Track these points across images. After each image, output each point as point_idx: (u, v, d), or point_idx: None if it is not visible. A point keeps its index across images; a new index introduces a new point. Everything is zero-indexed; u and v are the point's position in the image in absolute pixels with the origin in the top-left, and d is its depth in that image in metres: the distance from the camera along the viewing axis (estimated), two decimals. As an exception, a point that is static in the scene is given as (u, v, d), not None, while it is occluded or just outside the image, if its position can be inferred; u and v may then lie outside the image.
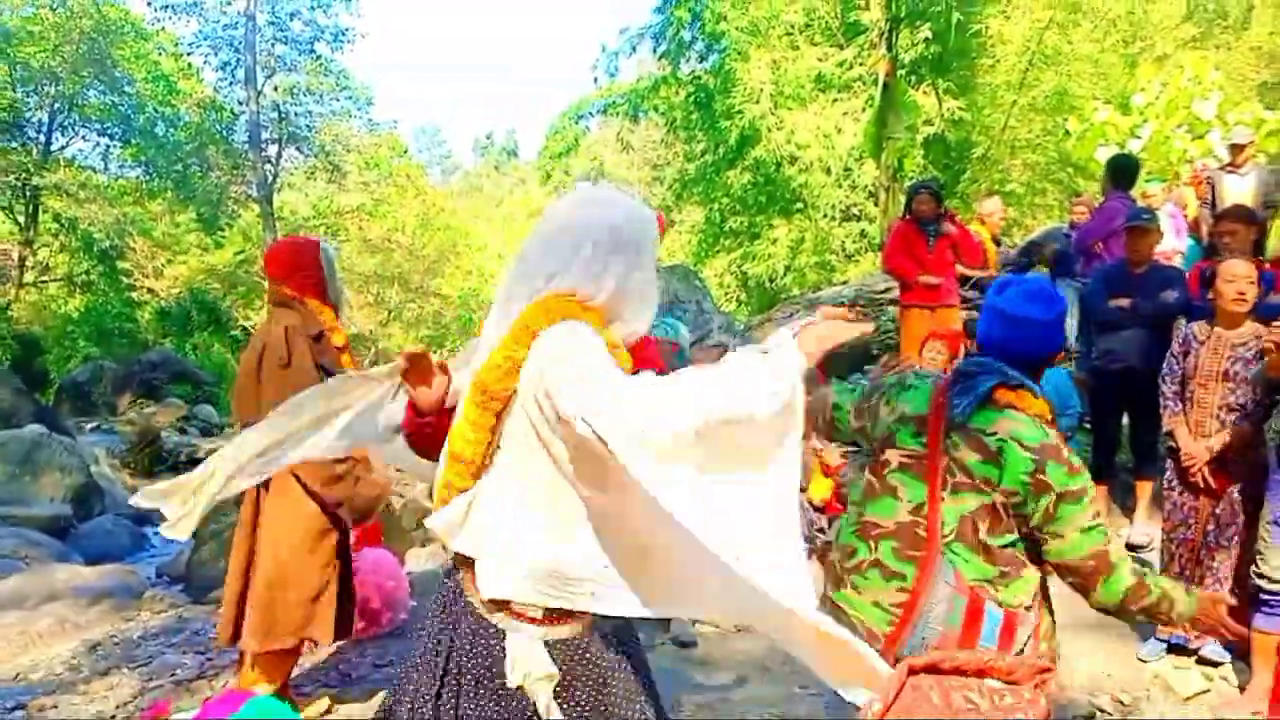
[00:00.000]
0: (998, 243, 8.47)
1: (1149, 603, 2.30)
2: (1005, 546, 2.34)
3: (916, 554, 2.35)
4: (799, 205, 16.79)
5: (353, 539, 4.01)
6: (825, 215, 16.34)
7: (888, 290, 9.77)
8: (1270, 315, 4.65)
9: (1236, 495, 4.27)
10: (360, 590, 4.17)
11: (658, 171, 28.70)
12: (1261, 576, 3.95)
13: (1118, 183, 7.24)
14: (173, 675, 4.42)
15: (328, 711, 3.91)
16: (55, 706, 4.12)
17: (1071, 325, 7.83)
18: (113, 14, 23.97)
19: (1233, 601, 2.33)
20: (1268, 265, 6.00)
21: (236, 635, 3.57)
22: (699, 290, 9.64)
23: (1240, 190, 7.42)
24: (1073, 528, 2.28)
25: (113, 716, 4.02)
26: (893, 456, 2.46)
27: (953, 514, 2.35)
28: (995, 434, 2.34)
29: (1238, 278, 4.29)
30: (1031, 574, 2.38)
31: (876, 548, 2.41)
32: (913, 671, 2.07)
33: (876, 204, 15.84)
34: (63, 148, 25.10)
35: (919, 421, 2.45)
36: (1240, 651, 4.33)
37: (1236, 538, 4.27)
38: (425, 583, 5.24)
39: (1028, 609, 2.34)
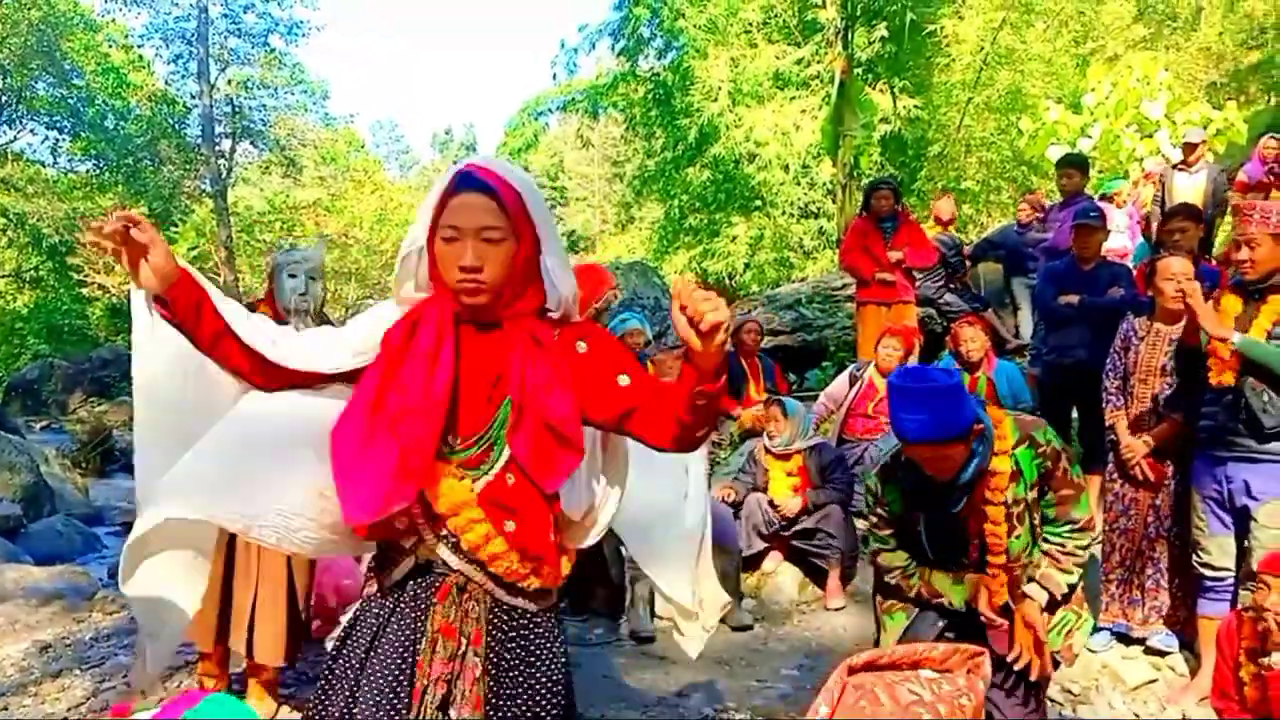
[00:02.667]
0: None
1: None
2: None
3: None
4: (757, 202, 16.88)
5: None
6: (784, 212, 16.45)
7: (845, 287, 9.87)
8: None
9: (1175, 487, 4.37)
10: (318, 590, 4.15)
11: (617, 168, 28.75)
12: (1203, 565, 4.05)
13: (1084, 183, 7.43)
14: (125, 677, 4.36)
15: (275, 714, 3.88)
16: (5, 708, 4.06)
17: (1026, 321, 7.99)
18: (62, 5, 23.57)
19: None
20: (1210, 261, 6.13)
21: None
22: (657, 287, 9.67)
23: (1190, 188, 7.57)
24: None
25: (65, 718, 3.97)
26: None
27: None
28: None
29: (1175, 275, 4.39)
30: None
31: None
32: (851, 671, 2.13)
33: (834, 201, 15.93)
34: (11, 141, 24.64)
35: None
36: (1187, 641, 4.44)
37: (1175, 528, 4.38)
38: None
39: None
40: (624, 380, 1.85)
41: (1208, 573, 4.04)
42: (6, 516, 7.70)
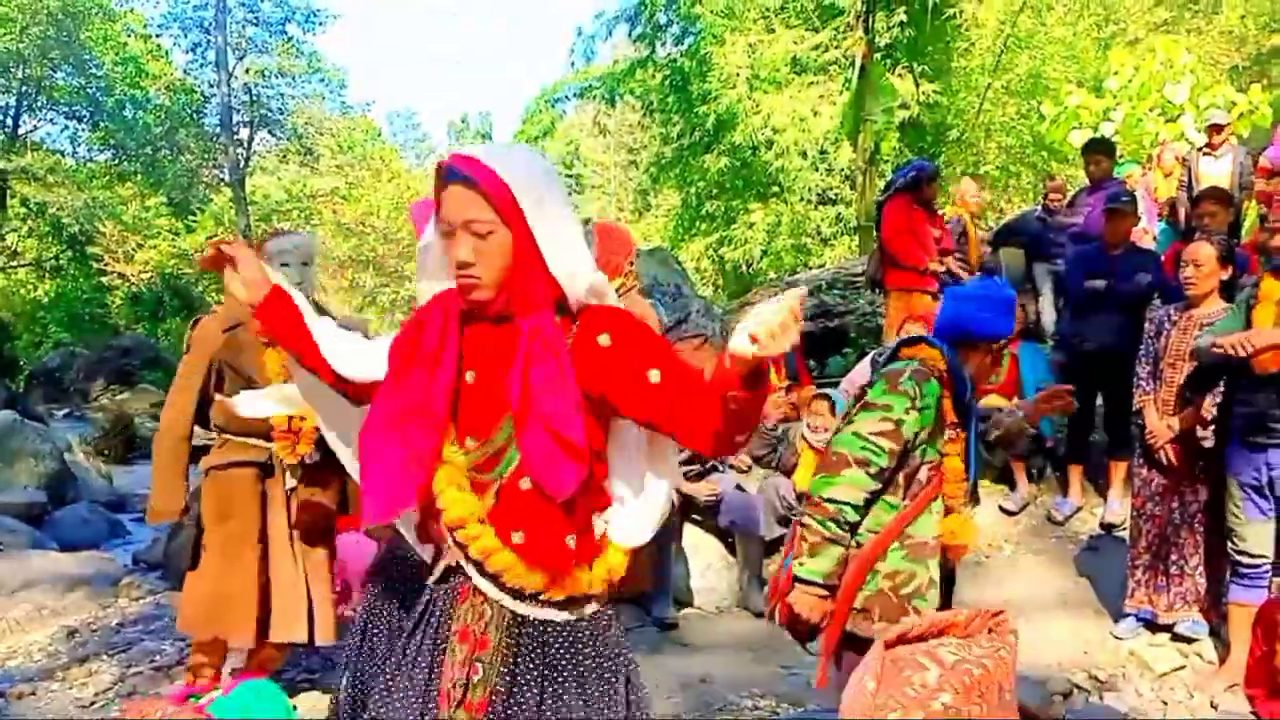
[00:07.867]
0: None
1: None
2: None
3: None
4: (775, 189, 16.81)
5: None
6: (802, 199, 16.38)
7: (865, 273, 9.80)
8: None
9: (1211, 473, 4.34)
10: (341, 575, 4.16)
11: (634, 155, 28.69)
12: (1239, 552, 4.02)
13: (1111, 168, 7.39)
14: (152, 662, 4.40)
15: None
16: (34, 693, 4.10)
17: (1048, 308, 7.91)
18: (80, -5, 23.64)
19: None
20: (1240, 245, 6.07)
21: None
22: (677, 274, 9.61)
23: (1216, 173, 7.48)
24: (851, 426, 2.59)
25: (92, 703, 4.00)
26: None
27: None
28: None
29: (1188, 260, 4.39)
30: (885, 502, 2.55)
31: None
32: (888, 646, 2.15)
33: (853, 187, 15.89)
34: (31, 131, 24.81)
35: None
36: (1215, 627, 4.41)
37: (1201, 514, 4.34)
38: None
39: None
40: (654, 376, 1.68)
41: (1244, 560, 4.01)
42: (32, 504, 7.77)
